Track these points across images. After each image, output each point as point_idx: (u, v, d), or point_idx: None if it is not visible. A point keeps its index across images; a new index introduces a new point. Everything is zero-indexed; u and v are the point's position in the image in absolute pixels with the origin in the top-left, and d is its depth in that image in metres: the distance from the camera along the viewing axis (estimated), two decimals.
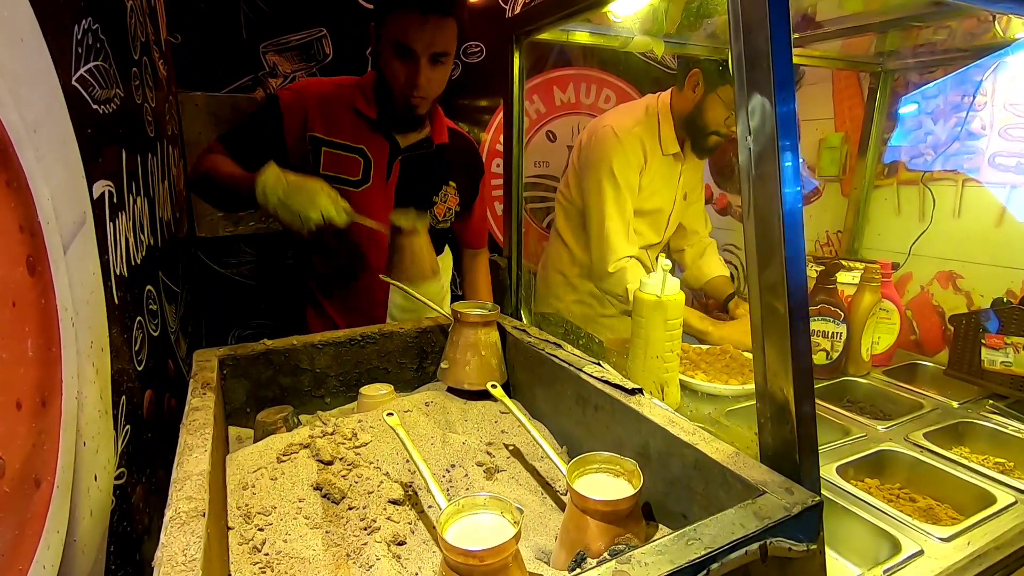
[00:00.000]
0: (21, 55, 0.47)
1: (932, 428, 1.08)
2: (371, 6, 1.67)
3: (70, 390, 0.51)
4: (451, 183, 1.40)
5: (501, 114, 2.05)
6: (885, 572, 0.68)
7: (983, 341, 1.25)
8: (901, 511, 0.83)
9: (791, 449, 0.55)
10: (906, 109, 1.61)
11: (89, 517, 0.53)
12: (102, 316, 0.63)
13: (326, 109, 1.28)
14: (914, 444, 1.02)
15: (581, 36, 1.25)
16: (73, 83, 0.60)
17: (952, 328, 1.31)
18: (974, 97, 1.43)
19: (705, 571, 0.45)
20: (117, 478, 0.63)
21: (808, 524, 0.50)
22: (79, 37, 0.63)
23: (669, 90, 1.56)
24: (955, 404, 1.18)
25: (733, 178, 2.23)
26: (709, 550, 0.45)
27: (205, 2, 1.49)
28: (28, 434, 0.42)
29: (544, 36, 1.10)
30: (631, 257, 1.52)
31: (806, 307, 0.56)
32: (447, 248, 1.52)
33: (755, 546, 0.47)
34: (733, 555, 0.46)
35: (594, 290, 1.64)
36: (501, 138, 2.07)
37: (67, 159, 0.57)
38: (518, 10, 1.95)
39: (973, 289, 1.50)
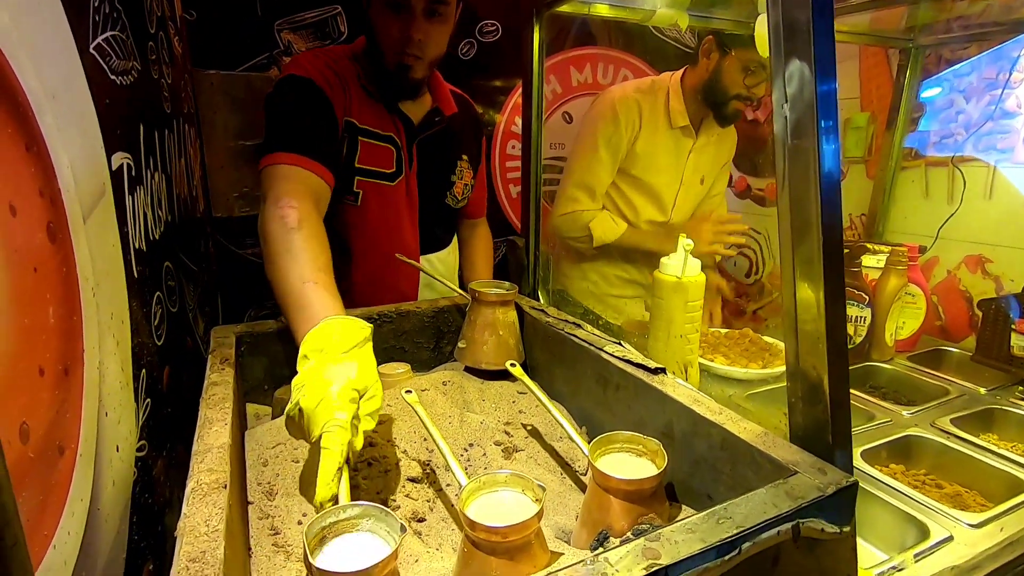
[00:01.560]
0: (39, 19, 0.46)
1: (959, 414, 1.05)
2: None
3: (91, 360, 0.51)
4: (464, 156, 1.30)
5: (516, 95, 2.02)
6: (915, 557, 0.67)
7: (1013, 327, 1.22)
8: (928, 497, 0.82)
9: (823, 430, 0.53)
10: (937, 87, 1.55)
11: (112, 487, 0.53)
12: (122, 289, 0.63)
13: (350, 90, 1.11)
14: (940, 430, 1.00)
15: (602, 8, 1.22)
16: (91, 51, 0.59)
17: (980, 313, 1.28)
18: (1010, 74, 1.37)
19: (736, 550, 0.43)
20: (139, 450, 0.63)
21: (842, 505, 0.49)
22: (96, 4, 0.62)
23: (683, 68, 1.53)
24: (983, 390, 1.15)
25: (754, 159, 2.18)
26: (741, 529, 0.43)
27: None
28: (51, 401, 0.42)
29: (565, 8, 1.07)
30: (596, 211, 1.54)
31: (842, 283, 0.54)
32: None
33: (787, 526, 0.46)
34: (765, 535, 0.45)
35: (600, 268, 1.62)
36: (516, 119, 2.04)
37: (85, 128, 0.56)
38: None
39: (1003, 274, 1.45)
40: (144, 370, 0.68)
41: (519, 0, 1.13)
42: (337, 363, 0.62)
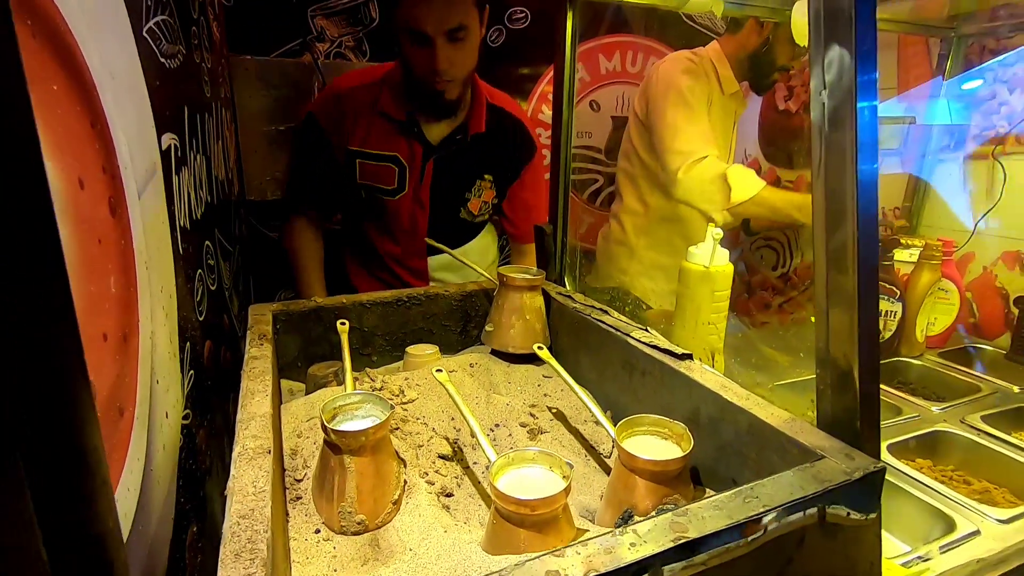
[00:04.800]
0: (101, 2, 0.49)
1: (990, 411, 1.04)
2: None
3: (145, 329, 0.54)
4: (487, 176, 1.34)
5: (542, 83, 2.01)
6: (941, 549, 0.67)
7: None
8: (956, 492, 0.81)
9: (852, 417, 0.54)
10: (979, 78, 1.51)
11: (162, 451, 0.56)
12: (170, 264, 0.66)
13: (359, 118, 1.25)
14: (970, 427, 0.99)
15: None
16: (143, 34, 0.61)
17: (1017, 311, 1.25)
18: None
19: (762, 531, 0.44)
20: (184, 418, 0.66)
21: (868, 491, 0.49)
22: None
23: (712, 41, 1.51)
24: (1016, 389, 1.13)
25: (786, 149, 2.14)
26: (767, 507, 0.44)
27: None
28: (113, 365, 0.45)
29: None
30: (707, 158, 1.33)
31: (876, 273, 0.54)
32: (492, 232, 1.49)
33: (813, 509, 0.46)
34: (791, 516, 0.46)
35: (662, 261, 1.58)
36: (543, 107, 2.03)
37: (139, 108, 0.58)
38: None
39: None
40: (188, 343, 0.71)
41: None
42: None
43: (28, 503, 0.20)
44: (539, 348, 0.83)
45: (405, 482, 0.67)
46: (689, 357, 0.73)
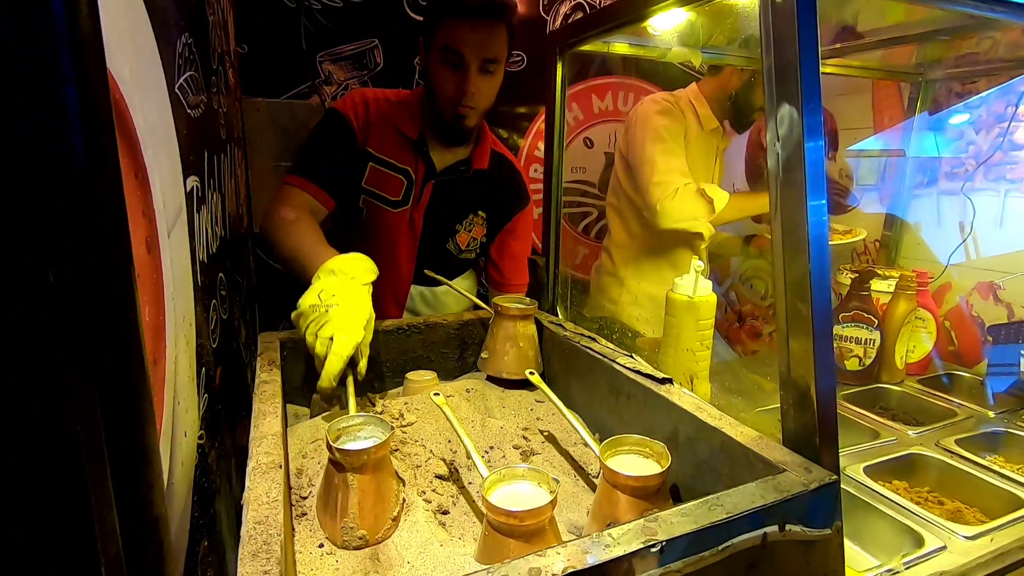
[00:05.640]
0: (145, 67, 0.56)
1: (965, 435, 1.08)
2: (420, 17, 1.76)
3: (170, 355, 0.59)
4: (480, 212, 1.38)
5: (539, 121, 2.11)
6: (905, 563, 0.71)
7: (1022, 352, 1.24)
8: (928, 512, 0.85)
9: (811, 434, 0.59)
10: (947, 119, 1.60)
11: (181, 467, 0.61)
12: (190, 295, 0.72)
13: (378, 124, 1.28)
14: (945, 449, 1.03)
15: (621, 47, 1.31)
16: (175, 90, 0.69)
17: (991, 338, 1.31)
18: (1017, 107, 1.42)
19: (726, 535, 0.49)
20: (199, 438, 0.71)
21: (825, 501, 0.54)
22: (179, 50, 0.72)
23: (692, 83, 1.62)
24: (991, 414, 1.17)
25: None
26: (730, 514, 0.49)
27: (270, 16, 1.61)
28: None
29: (586, 48, 1.15)
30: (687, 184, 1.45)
31: (829, 300, 0.60)
32: (472, 278, 1.49)
33: (774, 516, 0.51)
34: (752, 522, 0.51)
35: (650, 290, 1.65)
36: (539, 144, 2.13)
37: (171, 156, 0.65)
38: (559, 21, 2.02)
39: (1015, 301, 1.48)
40: (204, 368, 0.77)
41: (543, 33, 1.24)
42: (363, 291, 0.92)
43: (109, 485, 0.26)
44: (531, 373, 0.89)
45: (404, 500, 0.71)
46: (670, 381, 0.79)
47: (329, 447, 0.64)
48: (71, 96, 0.24)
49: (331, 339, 0.86)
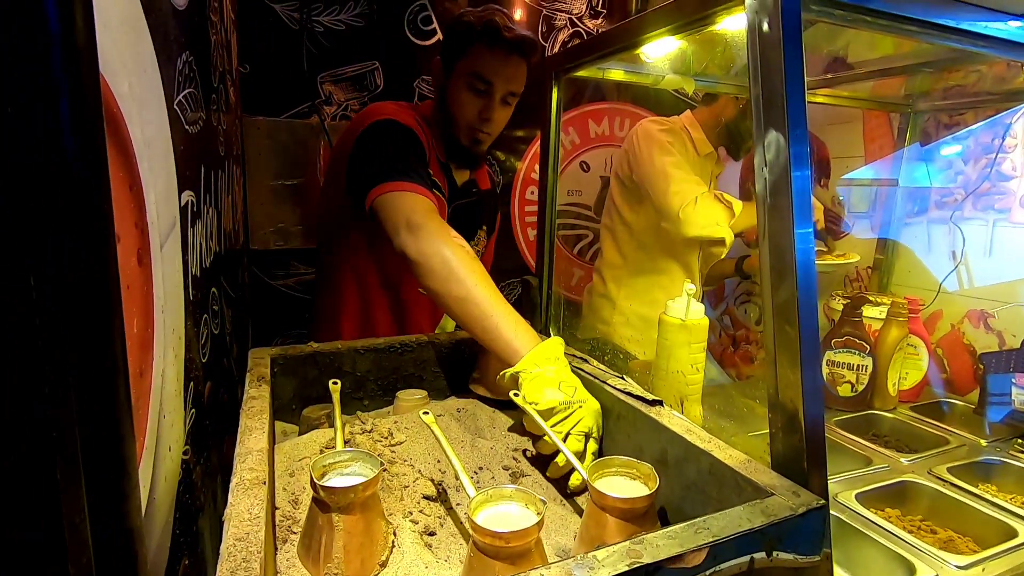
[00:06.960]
0: (145, 83, 0.57)
1: (957, 463, 1.08)
2: (421, 42, 1.79)
3: (158, 367, 0.59)
4: (483, 227, 1.46)
5: (536, 144, 2.14)
6: None
7: (1014, 381, 1.25)
8: (921, 540, 0.84)
9: (799, 457, 0.59)
10: (936, 150, 1.63)
11: (164, 481, 0.61)
12: (181, 308, 0.72)
13: (426, 142, 1.26)
14: (937, 477, 1.03)
15: (616, 74, 1.33)
16: (174, 107, 0.70)
17: (983, 366, 1.31)
18: (1003, 139, 1.45)
19: (712, 559, 0.49)
20: (184, 453, 0.70)
21: (812, 526, 0.54)
22: (180, 68, 0.74)
23: (686, 111, 1.64)
24: (983, 442, 1.17)
25: None
26: (716, 538, 0.49)
27: (273, 37, 1.64)
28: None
29: (581, 73, 1.18)
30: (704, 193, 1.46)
31: (816, 323, 0.60)
32: None
33: (760, 541, 0.51)
34: (739, 548, 0.50)
35: (642, 312, 1.66)
36: (536, 167, 2.16)
37: (167, 170, 0.66)
38: (557, 47, 2.06)
39: (1005, 329, 1.49)
40: (192, 382, 0.76)
41: (542, 59, 1.27)
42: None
43: (83, 492, 0.26)
44: (514, 395, 0.88)
45: (394, 543, 0.67)
46: (660, 403, 0.79)
47: (313, 485, 0.60)
48: (63, 106, 0.24)
49: (586, 435, 0.83)
